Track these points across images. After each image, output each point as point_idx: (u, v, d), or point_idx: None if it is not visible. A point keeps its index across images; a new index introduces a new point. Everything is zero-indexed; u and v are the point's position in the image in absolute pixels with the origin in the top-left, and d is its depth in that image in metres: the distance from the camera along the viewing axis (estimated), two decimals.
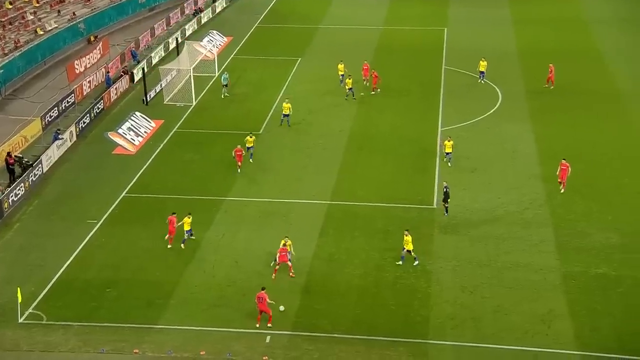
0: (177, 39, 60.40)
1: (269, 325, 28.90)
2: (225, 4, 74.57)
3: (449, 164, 40.78)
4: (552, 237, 34.55)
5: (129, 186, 40.00)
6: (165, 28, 65.28)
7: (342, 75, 51.93)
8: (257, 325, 28.93)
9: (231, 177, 40.33)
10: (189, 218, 34.34)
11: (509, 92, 51.25)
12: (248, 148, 41.78)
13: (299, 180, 40.27)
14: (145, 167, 42.25)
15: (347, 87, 50.22)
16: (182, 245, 34.06)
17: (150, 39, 62.11)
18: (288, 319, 29.29)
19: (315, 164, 42.06)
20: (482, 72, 52.69)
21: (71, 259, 33.71)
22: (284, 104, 46.53)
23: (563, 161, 38.06)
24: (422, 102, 50.36)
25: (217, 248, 34.26)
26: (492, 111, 48.48)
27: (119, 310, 30.28)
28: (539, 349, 27.77)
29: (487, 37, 63.34)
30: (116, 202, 38.38)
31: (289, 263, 31.89)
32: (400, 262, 32.39)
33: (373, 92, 50.82)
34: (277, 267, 31.96)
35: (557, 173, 38.26)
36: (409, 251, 32.34)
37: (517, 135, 44.98)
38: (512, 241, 34.36)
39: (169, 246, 34.11)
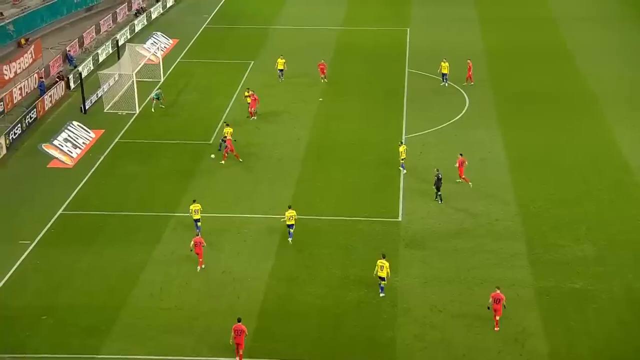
0: (117, 41, 59.96)
1: None
2: (170, 3, 74.25)
3: (403, 170, 41.40)
4: (524, 250, 35.13)
5: (67, 203, 39.49)
6: (105, 29, 64.78)
7: (281, 70, 54.09)
8: None
9: (179, 191, 40.09)
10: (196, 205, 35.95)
11: (476, 96, 52.10)
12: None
13: (253, 193, 40.24)
14: (84, 181, 41.78)
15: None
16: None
17: (88, 41, 61.54)
18: (244, 343, 29.17)
19: (271, 176, 42.09)
20: (444, 75, 53.51)
21: (1, 284, 33.09)
22: (245, 93, 48.69)
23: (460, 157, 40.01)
24: (385, 107, 50.86)
25: (166, 268, 34.01)
26: (459, 116, 49.21)
27: (56, 339, 29.80)
28: None
29: (453, 37, 64.31)
30: (52, 221, 37.84)
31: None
32: (382, 294, 32.01)
33: (252, 118, 48.36)
34: None
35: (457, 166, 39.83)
36: (382, 278, 31.77)
37: (485, 141, 45.73)
38: (483, 255, 34.84)
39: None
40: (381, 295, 31.88)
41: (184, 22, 69.54)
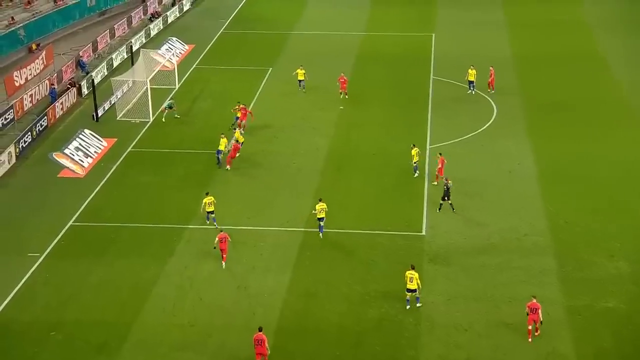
0: (131, 46, 60.47)
1: None
2: (186, 8, 74.83)
3: (416, 174, 42.55)
4: (554, 267, 34.89)
5: (77, 214, 39.78)
6: (119, 34, 65.35)
7: (301, 80, 53.65)
8: None
9: (193, 202, 40.24)
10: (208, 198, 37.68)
11: (504, 105, 51.93)
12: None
13: (270, 205, 40.33)
14: (95, 191, 42.08)
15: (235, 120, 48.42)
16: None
17: (102, 46, 62.10)
18: (267, 351, 29.17)
19: (288, 187, 42.17)
20: (471, 82, 53.42)
21: (9, 298, 33.30)
22: (235, 106, 48.62)
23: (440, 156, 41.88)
24: (408, 116, 50.83)
25: (179, 283, 34.14)
26: (486, 126, 49.06)
27: (65, 356, 29.95)
28: None
29: (480, 43, 64.26)
30: (62, 232, 38.12)
31: None
32: (409, 307, 32.28)
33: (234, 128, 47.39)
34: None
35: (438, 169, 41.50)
36: (410, 290, 31.94)
37: (514, 153, 45.53)
38: (510, 272, 34.65)
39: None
40: (407, 307, 31.92)
41: (201, 26, 70.03)
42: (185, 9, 74.56)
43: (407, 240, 37.05)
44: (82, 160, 45.12)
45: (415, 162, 42.38)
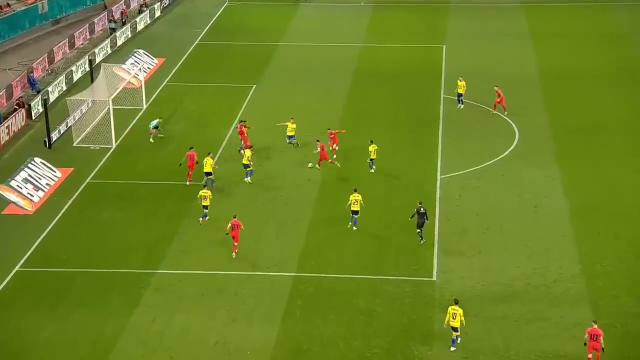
0: (90, 60, 60.67)
1: None
2: (155, 15, 75.11)
3: (372, 170, 46.44)
4: (589, 319, 34.73)
5: (25, 257, 39.65)
6: (79, 44, 65.55)
7: (292, 137, 50.11)
8: None
9: (164, 243, 40.17)
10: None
11: (528, 128, 52.19)
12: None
13: (254, 245, 40.28)
14: (47, 231, 41.98)
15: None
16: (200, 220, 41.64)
17: (57, 59, 62.26)
18: None
19: (275, 223, 42.18)
20: (459, 95, 53.93)
21: None
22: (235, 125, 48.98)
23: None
24: (416, 141, 51.04)
25: (146, 338, 33.94)
26: (506, 153, 49.25)
27: None
28: None
29: (499, 56, 64.84)
30: (7, 280, 37.94)
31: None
32: (453, 348, 32.66)
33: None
34: None
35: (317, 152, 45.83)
36: (454, 329, 32.55)
37: (540, 184, 45.68)
38: (537, 324, 34.58)
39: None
40: (452, 349, 32.34)
41: (172, 37, 70.44)
42: (156, 14, 74.72)
43: (415, 287, 36.99)
44: (31, 194, 45.04)
45: (371, 160, 46.16)
